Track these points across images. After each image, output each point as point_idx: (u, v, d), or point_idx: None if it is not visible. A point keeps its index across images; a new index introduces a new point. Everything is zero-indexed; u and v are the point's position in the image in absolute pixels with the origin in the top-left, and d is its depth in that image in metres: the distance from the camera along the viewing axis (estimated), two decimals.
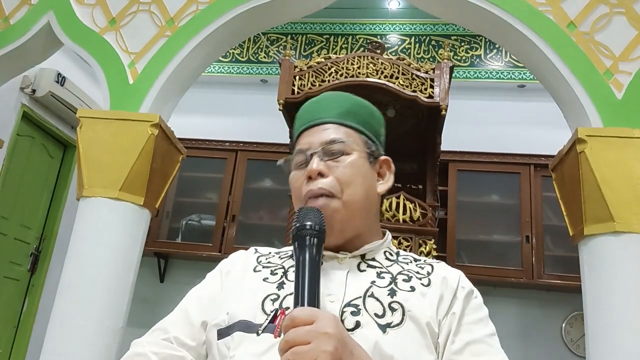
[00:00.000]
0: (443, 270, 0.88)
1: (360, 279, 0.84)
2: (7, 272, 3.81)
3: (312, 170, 0.86)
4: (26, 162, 3.91)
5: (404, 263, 0.90)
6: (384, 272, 0.86)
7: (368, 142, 0.93)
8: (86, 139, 2.45)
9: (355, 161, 0.88)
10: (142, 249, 2.48)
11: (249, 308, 0.80)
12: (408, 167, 3.81)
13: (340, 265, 0.86)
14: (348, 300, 0.79)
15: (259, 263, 0.91)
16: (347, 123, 0.92)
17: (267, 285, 0.84)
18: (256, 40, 4.77)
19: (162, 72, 2.52)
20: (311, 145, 0.90)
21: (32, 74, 3.72)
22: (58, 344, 2.21)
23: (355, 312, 0.77)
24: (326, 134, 0.90)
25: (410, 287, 0.83)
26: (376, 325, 0.76)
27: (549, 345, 3.72)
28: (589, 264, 2.09)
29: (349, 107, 0.94)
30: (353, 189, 0.86)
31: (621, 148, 2.08)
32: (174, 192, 4.17)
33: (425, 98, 2.93)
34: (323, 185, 0.85)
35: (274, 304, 0.80)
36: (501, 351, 0.82)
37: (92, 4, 2.71)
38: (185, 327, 0.86)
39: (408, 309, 0.78)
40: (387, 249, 0.93)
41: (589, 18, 2.31)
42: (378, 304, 0.79)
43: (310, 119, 0.94)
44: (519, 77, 4.30)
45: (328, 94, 0.98)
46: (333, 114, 0.93)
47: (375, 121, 0.97)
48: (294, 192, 0.91)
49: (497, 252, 3.73)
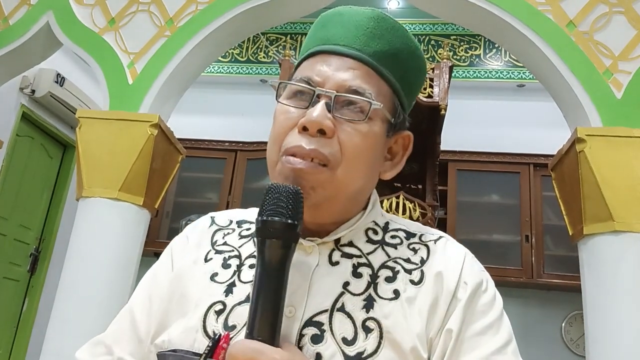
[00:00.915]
0: (441, 257, 0.65)
1: (330, 282, 0.62)
2: (7, 273, 3.81)
3: (311, 121, 0.60)
4: (26, 163, 3.91)
5: (391, 246, 0.67)
6: (362, 264, 0.64)
7: (399, 109, 0.67)
8: (86, 139, 2.45)
9: (373, 131, 0.63)
10: (142, 249, 2.48)
11: (188, 329, 0.61)
12: (408, 167, 3.81)
13: (307, 258, 0.63)
14: (310, 316, 0.59)
15: (213, 245, 0.69)
16: (384, 73, 0.64)
17: (215, 287, 0.64)
18: (255, 40, 4.76)
19: (161, 72, 2.52)
20: (326, 80, 0.62)
21: (32, 75, 3.72)
22: (58, 344, 2.21)
23: (317, 338, 0.58)
24: (351, 76, 0.62)
25: (394, 293, 0.61)
26: (342, 358, 0.57)
27: (548, 345, 3.72)
28: (589, 263, 2.09)
29: (398, 47, 0.65)
30: (354, 165, 0.62)
31: (621, 148, 2.08)
32: (174, 192, 4.17)
33: (424, 98, 2.93)
34: (320, 147, 0.60)
35: (217, 320, 0.61)
36: None
37: (92, 4, 2.71)
38: (130, 344, 0.68)
39: (387, 330, 0.58)
40: (370, 224, 0.69)
41: (588, 18, 2.31)
42: (349, 322, 0.59)
43: (341, 38, 0.64)
44: (518, 76, 4.30)
45: (374, 12, 0.66)
46: (375, 49, 0.64)
47: (419, 81, 0.70)
48: (274, 130, 0.65)
49: (497, 252, 3.73)
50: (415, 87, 0.70)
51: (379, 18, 0.66)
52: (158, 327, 0.66)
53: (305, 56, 0.67)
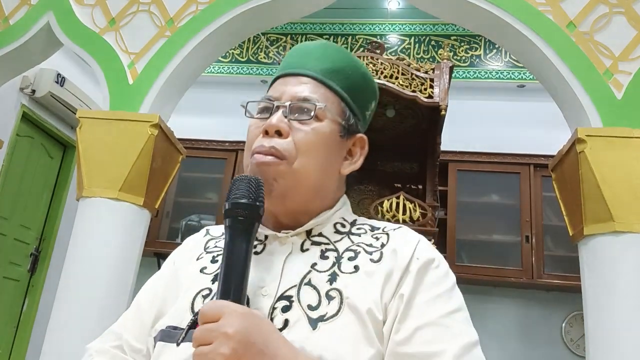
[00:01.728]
0: (398, 239, 0.75)
1: (300, 264, 0.72)
2: (7, 273, 3.81)
3: (270, 125, 0.74)
4: (26, 163, 3.91)
5: (356, 235, 0.77)
6: (330, 249, 0.75)
7: (347, 113, 0.80)
8: (86, 139, 2.45)
9: (322, 129, 0.76)
10: (142, 249, 2.48)
11: (178, 310, 0.72)
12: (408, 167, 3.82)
13: (282, 247, 0.75)
14: (281, 292, 0.69)
15: (205, 249, 0.81)
16: (330, 84, 0.79)
17: (203, 278, 0.75)
18: (256, 41, 4.77)
19: (161, 73, 2.52)
20: (281, 95, 0.78)
21: (32, 75, 3.72)
22: (58, 344, 2.21)
23: (286, 307, 0.67)
24: (301, 89, 0.77)
25: (354, 267, 0.71)
26: (307, 320, 0.66)
27: (549, 345, 3.72)
28: (589, 263, 2.09)
29: (341, 65, 0.80)
30: (308, 158, 0.74)
31: (621, 148, 2.08)
32: (174, 192, 4.17)
33: (425, 98, 2.93)
34: (276, 144, 0.73)
35: (204, 302, 0.70)
36: (464, 332, 0.66)
37: (92, 4, 2.71)
38: (137, 329, 0.77)
39: (346, 296, 0.67)
40: (339, 220, 0.80)
41: (588, 18, 2.31)
42: (314, 293, 0.68)
43: (293, 65, 0.81)
44: (518, 77, 4.30)
45: (323, 42, 0.84)
46: (319, 67, 0.79)
47: (367, 93, 0.84)
48: (247, 141, 0.79)
49: (497, 252, 3.73)
50: (364, 96, 0.83)
51: (325, 45, 0.83)
52: (157, 314, 0.76)
53: (271, 82, 0.83)
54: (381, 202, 2.95)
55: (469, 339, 0.66)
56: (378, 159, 3.76)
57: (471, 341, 0.66)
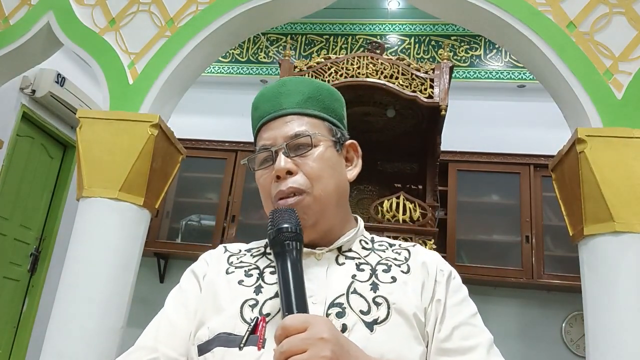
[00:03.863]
0: (420, 254, 0.87)
1: (341, 275, 0.81)
2: (7, 273, 3.81)
3: (280, 170, 0.81)
4: (26, 163, 3.91)
5: (380, 251, 0.88)
6: (362, 263, 0.84)
7: (333, 129, 0.88)
8: (86, 139, 2.45)
9: (323, 153, 0.84)
10: (142, 249, 2.48)
11: (227, 318, 0.77)
12: (408, 167, 3.82)
13: (318, 261, 0.83)
14: (332, 300, 0.77)
15: (230, 264, 0.87)
16: (309, 112, 0.86)
17: (244, 289, 0.81)
18: (256, 41, 4.77)
19: (162, 73, 2.52)
20: (275, 141, 0.84)
21: (32, 75, 3.72)
22: (58, 344, 2.21)
23: (340, 313, 0.76)
24: (289, 128, 0.84)
25: (392, 278, 0.81)
26: (363, 324, 0.74)
27: (549, 345, 3.72)
28: (589, 264, 2.09)
29: (310, 92, 0.88)
30: (323, 182, 0.83)
31: (621, 148, 2.08)
32: (174, 192, 4.17)
33: (425, 98, 2.93)
34: (293, 184, 0.81)
35: (253, 311, 0.77)
36: (484, 329, 0.82)
37: (92, 4, 2.71)
38: (175, 341, 0.81)
39: (393, 302, 0.77)
40: (362, 237, 0.91)
41: (588, 18, 2.31)
42: (362, 300, 0.77)
43: (270, 110, 0.87)
44: (518, 77, 4.30)
45: (286, 79, 0.91)
46: (294, 102, 0.87)
47: (338, 104, 0.92)
48: (262, 191, 0.87)
49: (497, 252, 3.73)
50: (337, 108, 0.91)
51: (284, 82, 0.89)
52: (198, 325, 0.80)
53: (255, 134, 0.90)
54: (381, 202, 2.95)
55: (490, 335, 0.81)
56: (378, 159, 3.77)
57: (492, 337, 0.81)
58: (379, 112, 3.25)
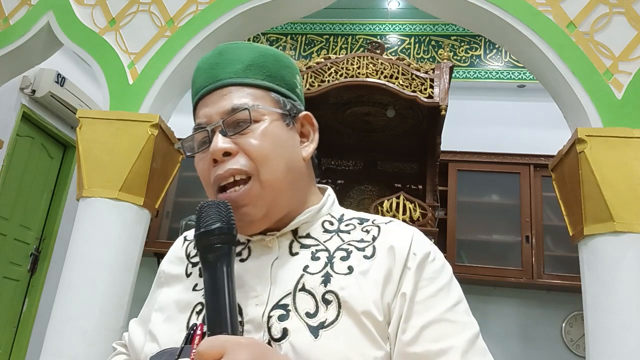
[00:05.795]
0: (392, 234, 0.72)
1: (291, 268, 0.70)
2: (7, 273, 3.81)
3: (215, 151, 0.70)
4: (26, 163, 3.91)
5: (344, 232, 0.74)
6: (320, 250, 0.72)
7: (281, 100, 0.75)
8: (86, 139, 2.45)
9: (268, 129, 0.71)
10: (142, 249, 2.48)
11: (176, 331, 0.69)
12: (408, 167, 3.82)
13: (269, 249, 0.72)
14: (275, 301, 0.67)
15: (190, 260, 0.79)
16: (250, 82, 0.74)
17: (196, 294, 0.72)
18: (256, 41, 4.77)
19: (162, 73, 2.52)
20: (211, 118, 0.72)
21: (32, 75, 3.72)
22: (58, 344, 2.21)
23: (283, 316, 0.65)
24: (227, 101, 0.72)
25: (348, 268, 0.68)
26: (307, 329, 0.64)
27: (549, 345, 3.72)
28: (589, 264, 2.09)
29: (251, 60, 0.75)
30: (271, 164, 0.70)
31: (621, 148, 2.08)
32: (174, 192, 4.17)
33: (425, 98, 2.93)
34: (232, 165, 0.70)
35: (198, 318, 0.69)
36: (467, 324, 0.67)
37: (92, 4, 2.71)
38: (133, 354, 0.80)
39: (344, 299, 0.65)
40: (326, 217, 0.77)
41: (588, 18, 2.31)
42: (310, 298, 0.66)
43: (206, 82, 0.75)
44: (518, 77, 4.30)
45: (224, 46, 0.78)
46: (232, 71, 0.74)
47: (287, 71, 0.78)
48: (202, 179, 0.75)
49: (497, 252, 3.73)
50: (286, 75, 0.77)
51: (222, 50, 0.77)
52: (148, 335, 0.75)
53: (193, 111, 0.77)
54: (381, 202, 2.95)
55: (472, 331, 0.66)
56: (378, 159, 3.77)
57: (474, 333, 0.66)
58: (379, 112, 3.25)
